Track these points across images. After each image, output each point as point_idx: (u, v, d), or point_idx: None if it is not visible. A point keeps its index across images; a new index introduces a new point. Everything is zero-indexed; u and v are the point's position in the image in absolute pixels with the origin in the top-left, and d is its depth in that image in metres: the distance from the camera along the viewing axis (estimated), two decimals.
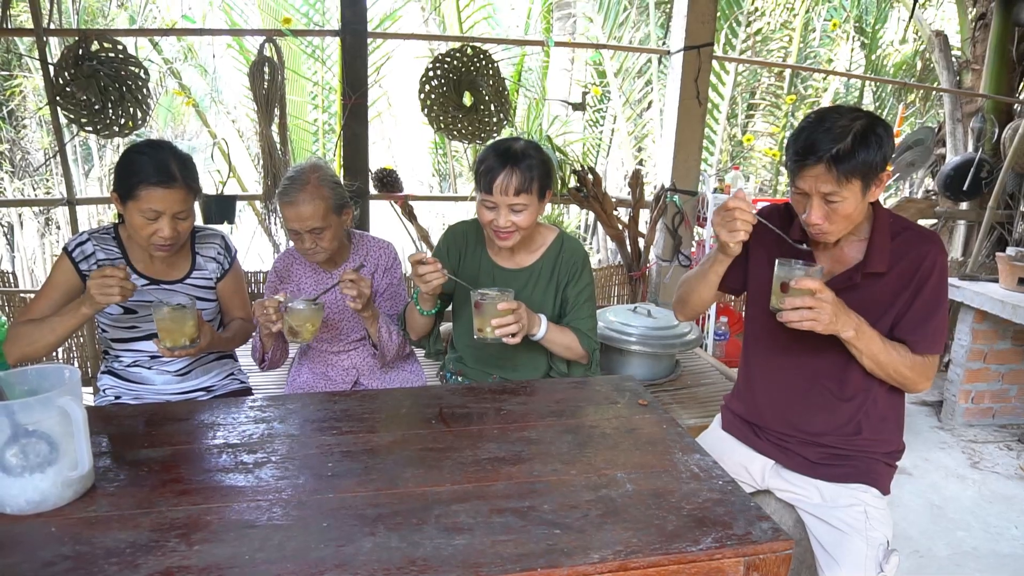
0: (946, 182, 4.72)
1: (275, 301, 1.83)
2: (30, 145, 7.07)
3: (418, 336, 2.09)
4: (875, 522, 1.59)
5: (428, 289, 1.77)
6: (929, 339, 1.59)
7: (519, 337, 1.76)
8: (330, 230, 1.97)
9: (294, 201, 1.90)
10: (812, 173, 1.48)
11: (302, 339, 1.83)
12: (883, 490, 1.68)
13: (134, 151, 1.77)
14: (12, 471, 1.10)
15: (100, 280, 1.62)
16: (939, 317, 1.60)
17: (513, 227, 1.85)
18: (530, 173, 1.81)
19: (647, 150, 6.87)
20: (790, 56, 6.94)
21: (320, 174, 1.96)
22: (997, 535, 2.72)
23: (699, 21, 3.66)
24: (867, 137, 1.45)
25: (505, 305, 1.71)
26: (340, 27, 3.34)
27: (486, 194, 1.83)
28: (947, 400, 3.82)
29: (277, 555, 1.03)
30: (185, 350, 1.73)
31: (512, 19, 8.27)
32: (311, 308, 1.80)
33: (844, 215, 1.51)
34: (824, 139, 1.46)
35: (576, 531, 1.10)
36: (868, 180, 1.48)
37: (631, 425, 1.52)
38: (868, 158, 1.45)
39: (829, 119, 1.48)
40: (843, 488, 1.66)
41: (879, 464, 1.69)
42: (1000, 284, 3.47)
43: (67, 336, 1.76)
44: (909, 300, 1.59)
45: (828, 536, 1.61)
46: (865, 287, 1.62)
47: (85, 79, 2.92)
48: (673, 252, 3.93)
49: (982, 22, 4.99)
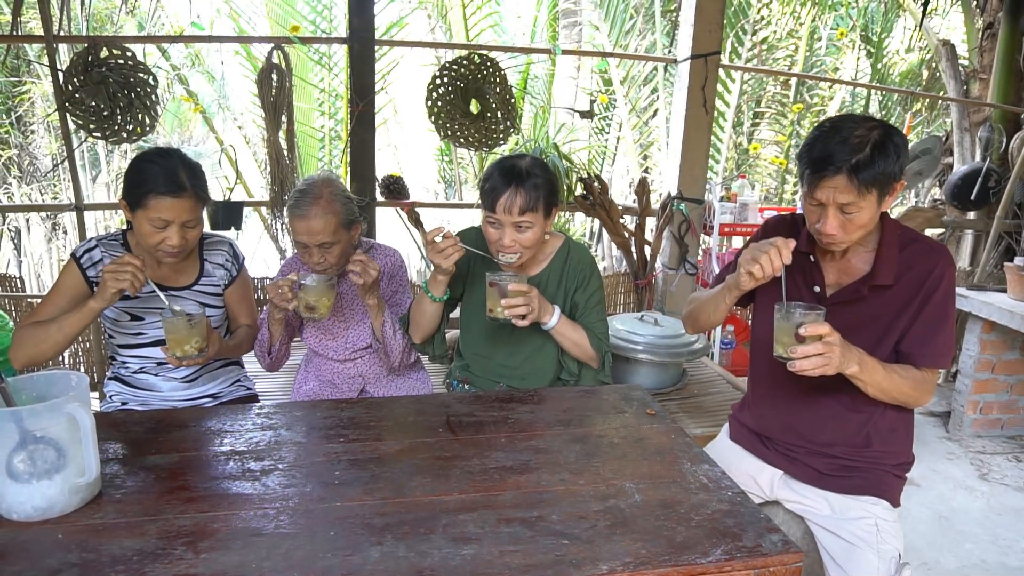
0: (954, 191, 4.70)
1: (289, 280, 1.86)
2: (38, 151, 7.11)
3: (423, 336, 2.05)
4: (886, 535, 1.58)
5: (446, 264, 1.77)
6: (936, 353, 1.58)
7: (528, 320, 1.78)
8: (339, 245, 1.96)
9: (305, 215, 1.90)
10: (831, 184, 1.45)
11: (319, 315, 1.87)
12: (893, 502, 1.66)
13: (144, 159, 1.77)
14: (19, 477, 1.10)
15: (116, 265, 1.64)
16: (946, 331, 1.58)
17: (517, 246, 1.85)
18: (535, 192, 1.80)
19: (652, 158, 6.87)
20: (796, 65, 6.94)
21: (332, 189, 1.96)
22: (1006, 548, 2.70)
23: (706, 30, 3.66)
24: (885, 146, 1.43)
25: (516, 286, 1.75)
26: (348, 35, 3.35)
27: (490, 212, 1.83)
28: (955, 411, 3.79)
29: (284, 564, 1.02)
30: (193, 359, 1.73)
31: (518, 27, 8.30)
32: (325, 283, 1.86)
33: (860, 225, 1.50)
34: (842, 149, 1.43)
35: (585, 542, 1.09)
36: (885, 190, 1.47)
37: (639, 435, 1.51)
38: (887, 168, 1.43)
39: (845, 128, 1.46)
40: (853, 500, 1.65)
41: (889, 476, 1.67)
42: (1008, 294, 3.45)
43: (75, 335, 1.75)
44: (915, 313, 1.57)
45: (839, 549, 1.59)
46: (872, 299, 1.60)
47: (94, 85, 2.93)
48: (679, 260, 3.93)
49: (989, 32, 4.98)
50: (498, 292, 1.76)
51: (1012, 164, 4.54)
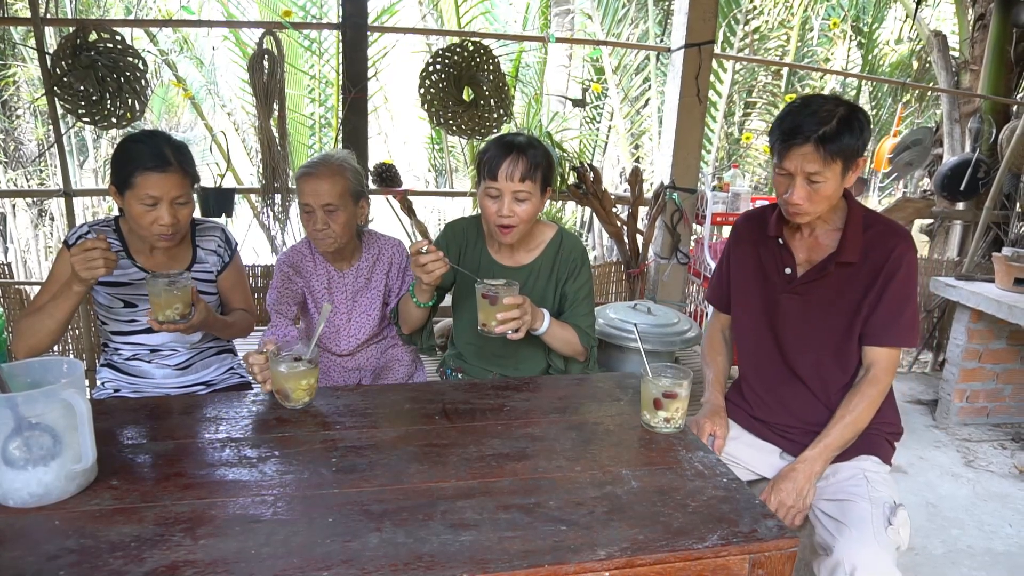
0: (943, 182, 4.72)
1: (261, 357, 1.55)
2: (24, 136, 7.02)
3: (410, 330, 2.04)
4: (876, 484, 1.62)
5: (430, 279, 1.73)
6: (903, 332, 1.67)
7: (523, 332, 1.75)
8: (344, 213, 1.96)
9: (314, 174, 1.93)
10: (799, 152, 1.57)
11: (294, 403, 1.51)
12: (884, 459, 1.73)
13: (130, 140, 1.77)
14: (15, 464, 1.10)
15: (82, 255, 1.59)
16: (909, 311, 1.67)
17: (515, 217, 1.84)
18: (535, 161, 1.82)
19: (644, 147, 6.87)
20: (788, 55, 6.95)
21: (344, 159, 2.01)
22: (991, 533, 2.74)
23: (700, 19, 3.65)
24: (851, 121, 1.55)
25: (511, 300, 1.69)
26: (341, 20, 3.32)
27: (491, 180, 1.82)
28: (942, 399, 3.84)
29: (283, 550, 1.02)
30: (175, 324, 1.70)
31: (510, 14, 8.26)
32: (297, 369, 1.50)
33: (825, 196, 1.60)
34: (810, 121, 1.55)
35: (582, 528, 1.10)
36: (848, 163, 1.58)
37: (635, 422, 1.52)
38: (850, 142, 1.55)
39: (814, 103, 1.59)
40: (843, 463, 1.71)
41: (880, 438, 1.75)
42: (996, 284, 3.49)
43: (67, 318, 1.73)
44: (879, 293, 1.67)
45: (832, 507, 1.62)
46: (838, 275, 1.71)
47: (83, 69, 2.89)
48: (672, 250, 3.93)
49: (981, 23, 4.99)
50: (490, 304, 1.70)
51: (1001, 155, 4.57)
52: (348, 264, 2.13)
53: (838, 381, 1.75)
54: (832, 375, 1.75)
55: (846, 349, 1.72)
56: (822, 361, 1.75)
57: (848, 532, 1.50)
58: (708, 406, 1.88)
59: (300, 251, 2.13)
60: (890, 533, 1.50)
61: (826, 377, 1.75)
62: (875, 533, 1.48)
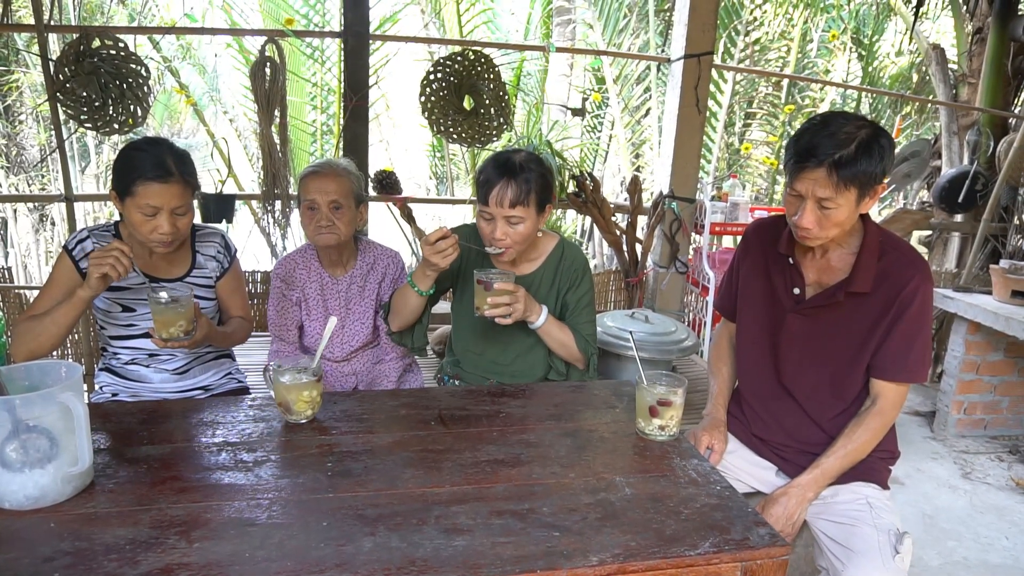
0: (941, 194, 4.74)
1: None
2: (26, 141, 7.04)
3: (400, 325, 2.00)
4: (880, 511, 1.60)
5: (444, 264, 1.75)
6: (913, 368, 1.60)
7: (511, 319, 1.80)
8: (348, 213, 2.02)
9: (320, 173, 2.01)
10: (811, 176, 1.47)
11: (296, 416, 1.49)
12: (881, 484, 1.69)
13: (132, 148, 1.77)
14: (12, 466, 1.10)
15: (100, 253, 1.63)
16: (920, 346, 1.59)
17: (508, 239, 1.85)
18: (527, 186, 1.82)
19: (644, 156, 6.89)
20: (788, 66, 6.97)
21: (348, 165, 2.09)
22: (988, 545, 2.74)
23: (700, 30, 3.67)
24: (871, 146, 1.44)
25: (502, 285, 1.76)
26: (342, 29, 3.35)
27: (483, 205, 1.85)
28: (940, 411, 3.84)
29: (277, 553, 1.03)
30: (179, 342, 1.71)
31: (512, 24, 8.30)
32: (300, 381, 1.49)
33: (836, 222, 1.51)
34: (827, 143, 1.44)
35: (575, 534, 1.11)
36: (865, 190, 1.48)
37: (629, 429, 1.53)
38: (869, 168, 1.44)
39: (834, 123, 1.46)
40: (841, 486, 1.68)
41: (875, 461, 1.71)
42: (993, 296, 3.49)
43: (69, 325, 1.74)
44: (890, 326, 1.58)
45: (836, 530, 1.60)
46: (848, 306, 1.62)
47: (86, 76, 2.91)
48: (670, 259, 3.94)
49: (979, 36, 5.02)
50: (484, 289, 1.77)
51: (999, 168, 4.60)
52: (343, 270, 2.15)
53: (833, 408, 1.70)
54: (826, 401, 1.70)
55: (846, 377, 1.66)
56: (819, 385, 1.69)
57: (857, 560, 1.49)
58: (708, 419, 1.84)
59: (292, 260, 2.15)
60: (897, 561, 1.47)
61: (821, 401, 1.70)
62: (884, 562, 1.46)
